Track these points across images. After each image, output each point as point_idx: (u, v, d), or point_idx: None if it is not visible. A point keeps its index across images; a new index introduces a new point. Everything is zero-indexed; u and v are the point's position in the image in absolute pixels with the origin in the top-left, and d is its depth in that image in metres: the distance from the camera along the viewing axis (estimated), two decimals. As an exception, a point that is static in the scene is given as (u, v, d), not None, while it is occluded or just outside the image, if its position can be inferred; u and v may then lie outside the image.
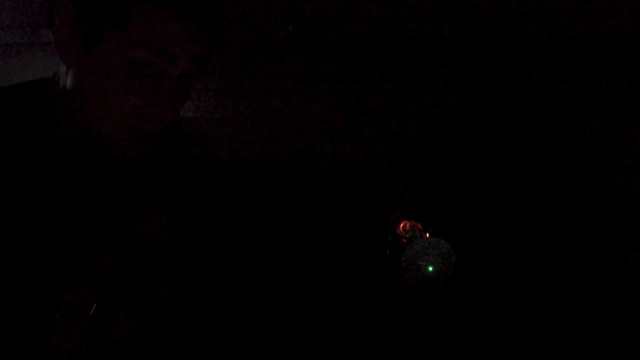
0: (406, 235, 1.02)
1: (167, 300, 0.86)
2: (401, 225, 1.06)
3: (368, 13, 1.26)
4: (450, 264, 0.97)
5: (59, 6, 0.84)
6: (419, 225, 1.04)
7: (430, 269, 0.96)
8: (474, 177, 1.36)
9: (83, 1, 0.82)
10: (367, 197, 1.43)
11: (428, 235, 1.01)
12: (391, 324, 1.05)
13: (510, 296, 1.23)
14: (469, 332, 1.05)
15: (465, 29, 1.19)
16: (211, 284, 0.95)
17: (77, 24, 0.83)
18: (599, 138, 1.25)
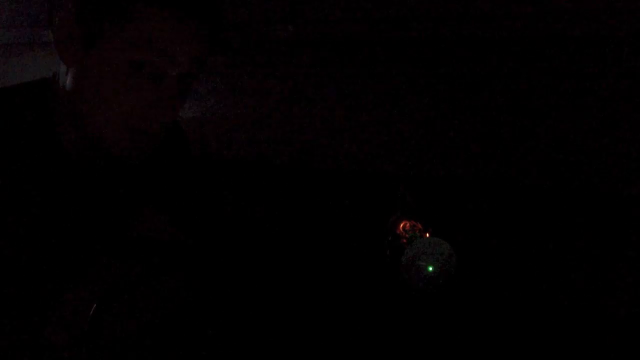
0: (406, 235, 1.02)
1: (167, 300, 0.86)
2: (401, 225, 1.06)
3: (368, 13, 1.26)
4: (450, 264, 0.97)
5: (58, 6, 0.84)
6: (419, 225, 1.04)
7: (430, 269, 0.96)
8: (474, 177, 1.36)
9: (83, 1, 0.82)
10: (367, 197, 1.43)
11: (428, 235, 1.01)
12: (391, 324, 1.05)
13: (510, 296, 1.23)
14: (469, 332, 1.05)
15: (465, 29, 1.19)
16: (211, 284, 0.95)
17: (77, 23, 0.82)
18: (599, 138, 1.25)
